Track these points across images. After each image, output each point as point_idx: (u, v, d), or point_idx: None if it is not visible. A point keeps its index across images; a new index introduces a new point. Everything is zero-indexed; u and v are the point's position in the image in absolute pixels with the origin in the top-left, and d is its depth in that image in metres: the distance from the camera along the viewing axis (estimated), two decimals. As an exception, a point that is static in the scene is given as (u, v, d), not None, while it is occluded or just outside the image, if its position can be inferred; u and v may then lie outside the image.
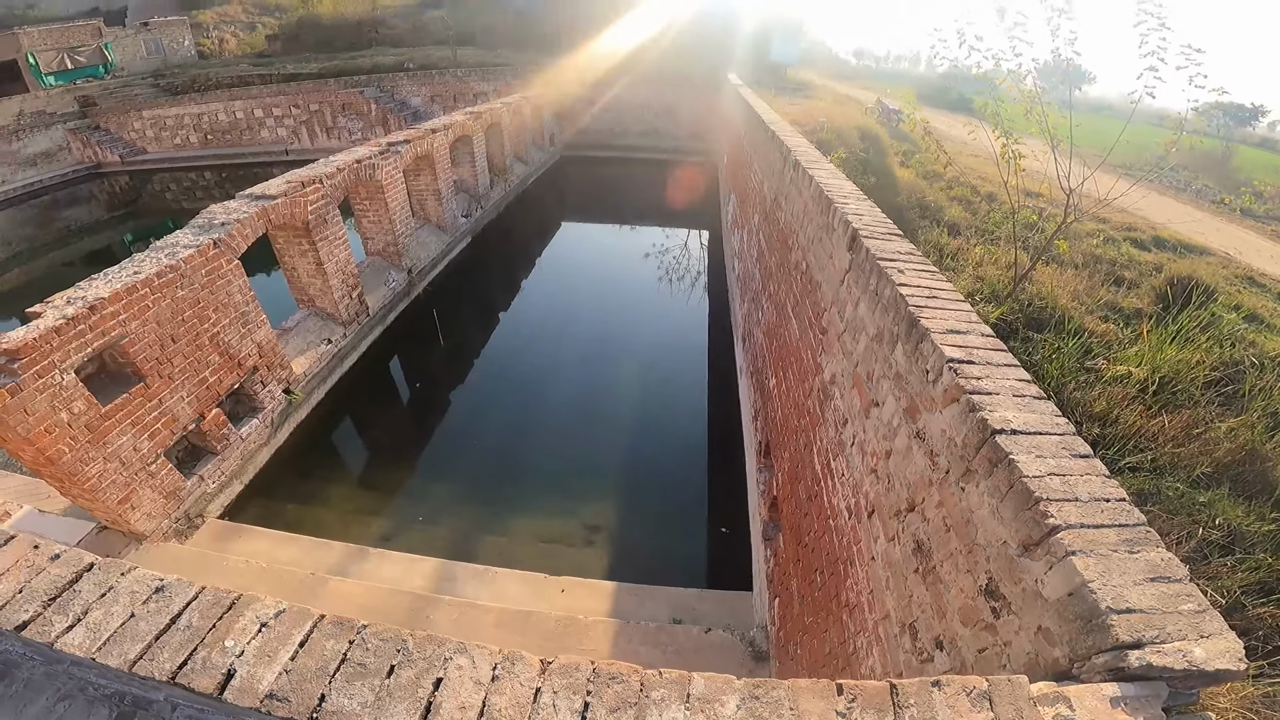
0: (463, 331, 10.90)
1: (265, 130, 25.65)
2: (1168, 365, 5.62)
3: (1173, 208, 10.74)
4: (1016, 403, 2.30)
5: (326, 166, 8.92)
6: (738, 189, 10.92)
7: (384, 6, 35.48)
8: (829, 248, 4.54)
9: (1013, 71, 6.31)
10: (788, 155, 6.58)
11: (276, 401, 7.77)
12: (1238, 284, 8.06)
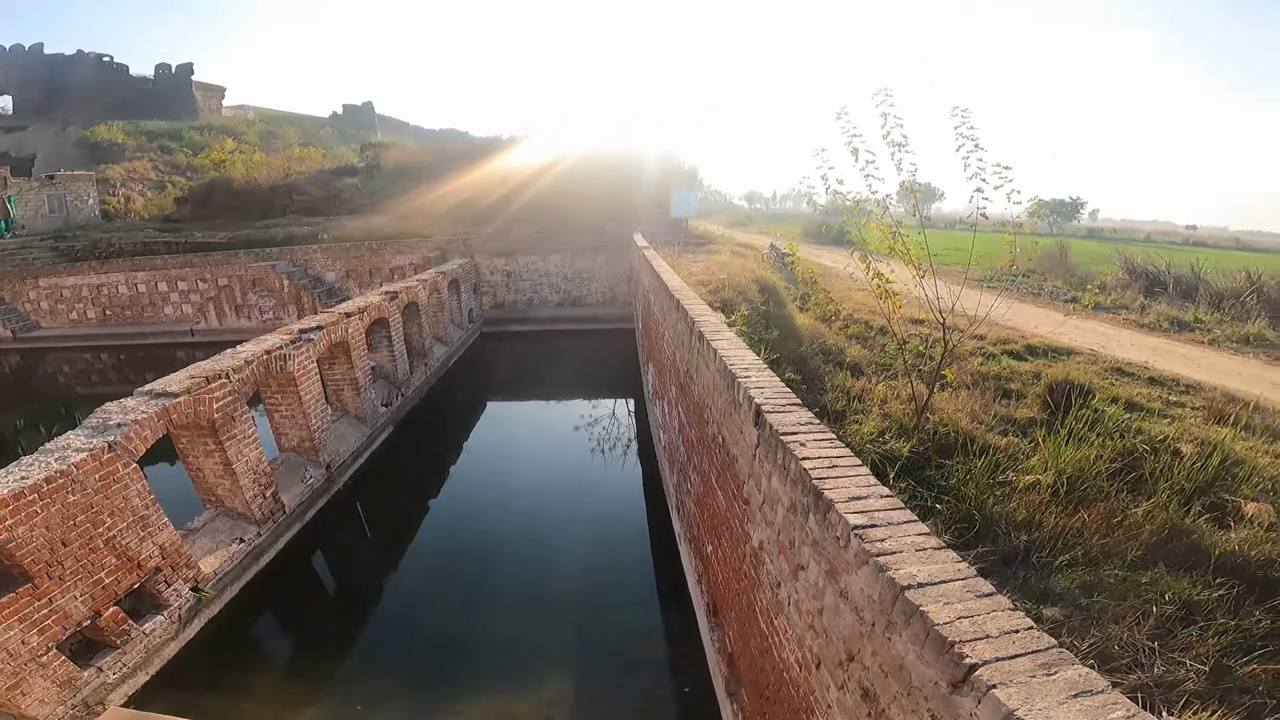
0: (392, 522, 10.52)
1: (169, 307, 23.96)
2: (1070, 466, 6.09)
3: (1035, 314, 12.08)
4: (919, 556, 2.57)
5: (234, 359, 8.59)
6: (654, 358, 11.50)
7: (297, 173, 34.47)
8: (738, 422, 4.79)
9: (872, 212, 7.14)
10: (693, 326, 6.96)
11: (184, 599, 7.32)
12: (1110, 376, 8.97)
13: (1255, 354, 11.46)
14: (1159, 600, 4.43)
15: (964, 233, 9.05)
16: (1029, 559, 5.00)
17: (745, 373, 5.00)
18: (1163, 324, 13.12)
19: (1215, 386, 8.72)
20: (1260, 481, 5.95)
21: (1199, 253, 33.38)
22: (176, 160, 43.54)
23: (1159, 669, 3.85)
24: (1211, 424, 7.27)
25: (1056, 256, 19.17)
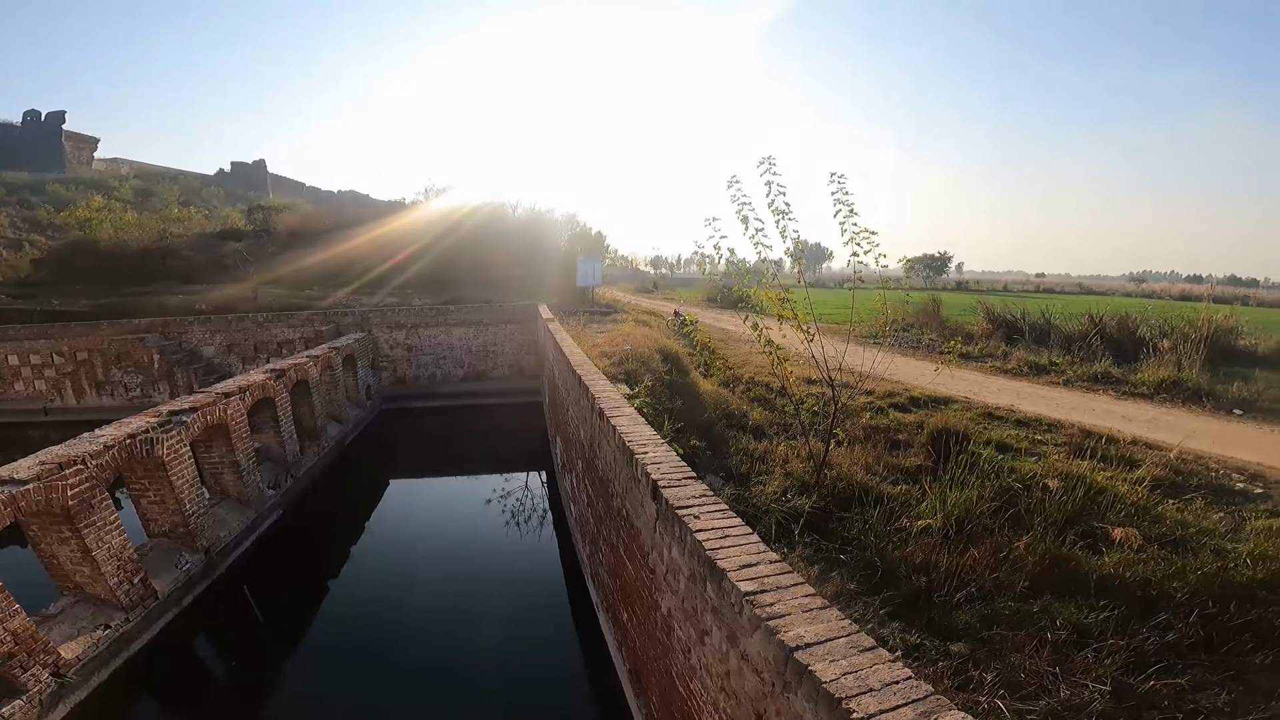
0: (287, 605, 9.64)
1: (20, 383, 21.27)
2: (956, 508, 6.50)
3: (915, 366, 13.05)
4: (806, 617, 2.74)
5: (91, 443, 7.84)
6: (561, 432, 11.43)
7: (175, 235, 31.24)
8: (639, 496, 4.90)
9: (762, 280, 7.53)
10: (594, 402, 7.04)
11: (43, 684, 6.59)
12: (982, 421, 9.75)
13: (1104, 390, 12.83)
14: (1052, 627, 4.73)
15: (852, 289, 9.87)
16: (931, 598, 5.24)
17: (643, 448, 5.11)
18: (1023, 369, 14.48)
19: (1073, 423, 9.65)
20: (1123, 508, 6.58)
21: (1048, 299, 37.46)
22: (37, 216, 38.38)
23: (1065, 693, 4.07)
24: (1073, 458, 8.01)
25: (931, 310, 20.87)
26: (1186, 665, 4.30)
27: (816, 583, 5.10)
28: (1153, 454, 8.32)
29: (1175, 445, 8.60)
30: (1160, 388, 12.52)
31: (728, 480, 7.55)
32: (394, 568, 10.88)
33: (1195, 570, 5.19)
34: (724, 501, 4.07)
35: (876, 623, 4.81)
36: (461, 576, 10.29)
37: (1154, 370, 13.34)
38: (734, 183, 7.42)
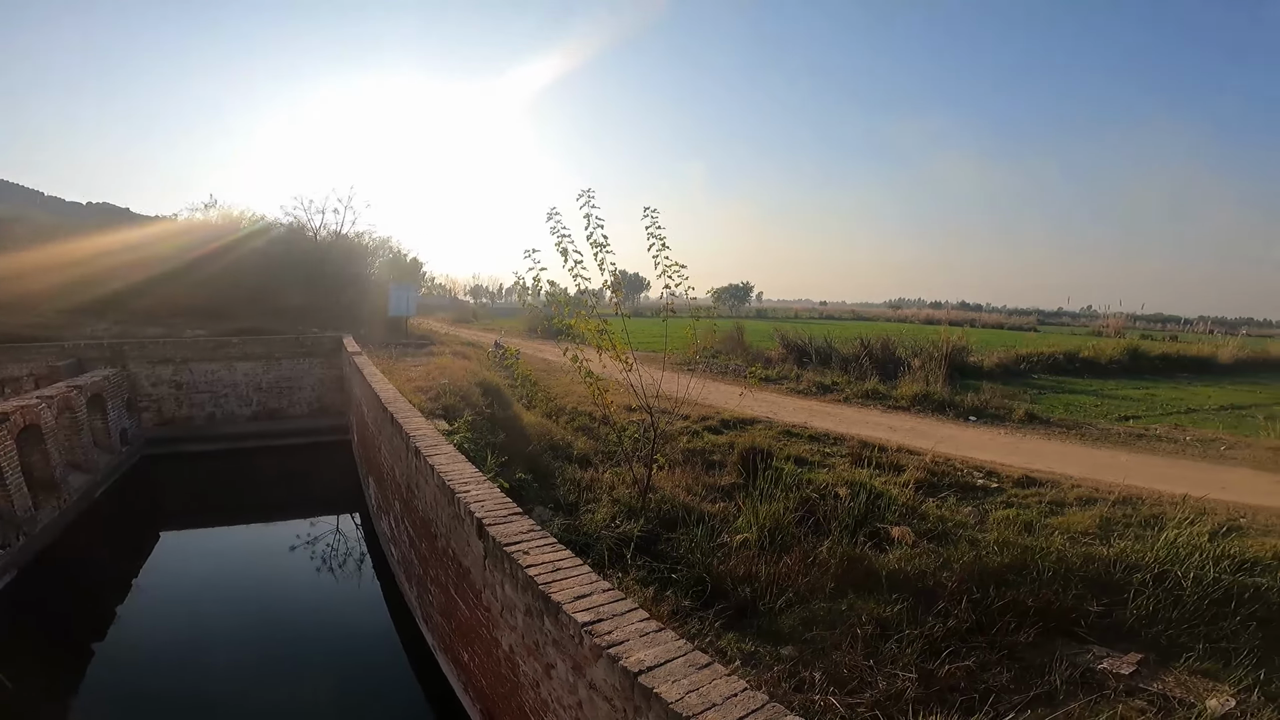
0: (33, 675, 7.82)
1: None
2: (767, 520, 7.06)
3: (725, 390, 14.15)
4: (644, 641, 2.83)
5: None
6: (374, 472, 10.61)
7: None
8: (464, 535, 4.75)
9: (580, 313, 7.66)
10: (409, 441, 6.67)
11: None
12: (782, 439, 10.79)
13: (875, 405, 14.86)
14: (859, 623, 5.22)
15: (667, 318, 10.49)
16: (757, 606, 5.60)
17: (465, 486, 5.00)
18: (812, 389, 16.32)
19: (853, 436, 11.04)
20: (897, 508, 7.61)
21: (830, 325, 42.73)
22: None
23: (882, 683, 4.49)
24: (855, 467, 9.15)
25: (735, 337, 22.75)
26: (970, 648, 4.98)
27: (653, 603, 5.22)
28: (914, 459, 9.77)
29: (929, 450, 10.21)
30: (915, 400, 14.81)
31: (557, 510, 7.51)
32: (179, 626, 9.22)
33: (958, 560, 6.12)
34: (553, 534, 4.16)
35: (713, 635, 5.00)
36: (270, 630, 9.01)
37: (909, 385, 15.75)
38: (554, 215, 7.51)
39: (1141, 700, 4.38)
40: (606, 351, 7.44)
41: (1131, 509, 7.70)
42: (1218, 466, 10.11)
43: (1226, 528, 6.98)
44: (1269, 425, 12.77)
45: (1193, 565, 5.79)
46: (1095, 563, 6.08)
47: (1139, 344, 26.60)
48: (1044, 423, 13.20)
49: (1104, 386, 18.70)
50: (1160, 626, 5.25)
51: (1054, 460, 10.15)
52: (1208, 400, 16.58)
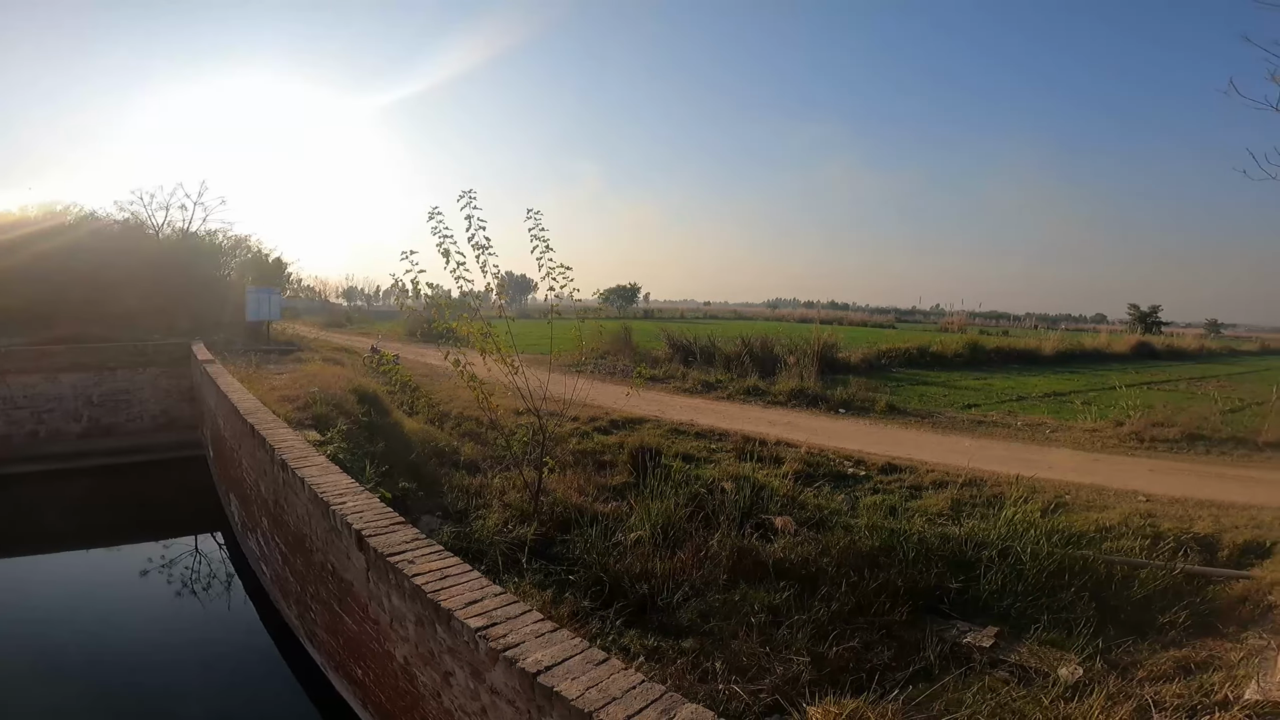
0: None
1: None
2: (659, 517, 7.21)
3: (613, 390, 14.15)
4: (540, 642, 2.85)
5: None
6: (235, 489, 9.73)
7: None
8: (344, 548, 4.57)
9: (464, 315, 7.45)
10: (274, 454, 6.28)
11: None
12: (670, 437, 11.04)
13: (755, 401, 15.58)
14: (753, 612, 5.44)
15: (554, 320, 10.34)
16: (656, 602, 5.70)
17: (340, 498, 4.83)
18: (698, 387, 16.83)
19: (736, 431, 11.49)
20: (778, 499, 8.01)
21: (713, 324, 44.23)
22: None
23: (779, 669, 4.68)
24: (739, 462, 9.54)
25: (623, 338, 22.99)
26: (853, 630, 5.33)
27: (551, 606, 5.23)
28: (791, 451, 10.34)
29: (804, 443, 10.86)
30: (791, 395, 15.68)
31: (446, 518, 7.27)
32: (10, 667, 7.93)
33: (835, 545, 6.55)
34: (442, 542, 4.18)
35: (615, 633, 5.05)
36: (125, 664, 7.97)
37: (786, 381, 16.63)
38: (435, 214, 7.31)
39: (1004, 671, 4.89)
40: (491, 355, 7.29)
41: (977, 490, 8.58)
42: (1044, 448, 11.52)
43: (1054, 504, 7.96)
44: (1084, 409, 14.76)
45: (1029, 541, 6.52)
46: (950, 542, 6.73)
47: (978, 339, 29.81)
48: (902, 413, 14.43)
49: (950, 378, 20.75)
50: (1010, 600, 5.89)
51: (911, 447, 11.12)
52: (1034, 388, 18.85)
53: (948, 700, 4.32)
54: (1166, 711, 4.06)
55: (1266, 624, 5.41)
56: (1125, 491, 8.48)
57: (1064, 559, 6.23)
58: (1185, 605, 5.59)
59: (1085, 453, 11.15)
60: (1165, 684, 4.52)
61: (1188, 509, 7.73)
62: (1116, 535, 6.91)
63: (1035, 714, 4.10)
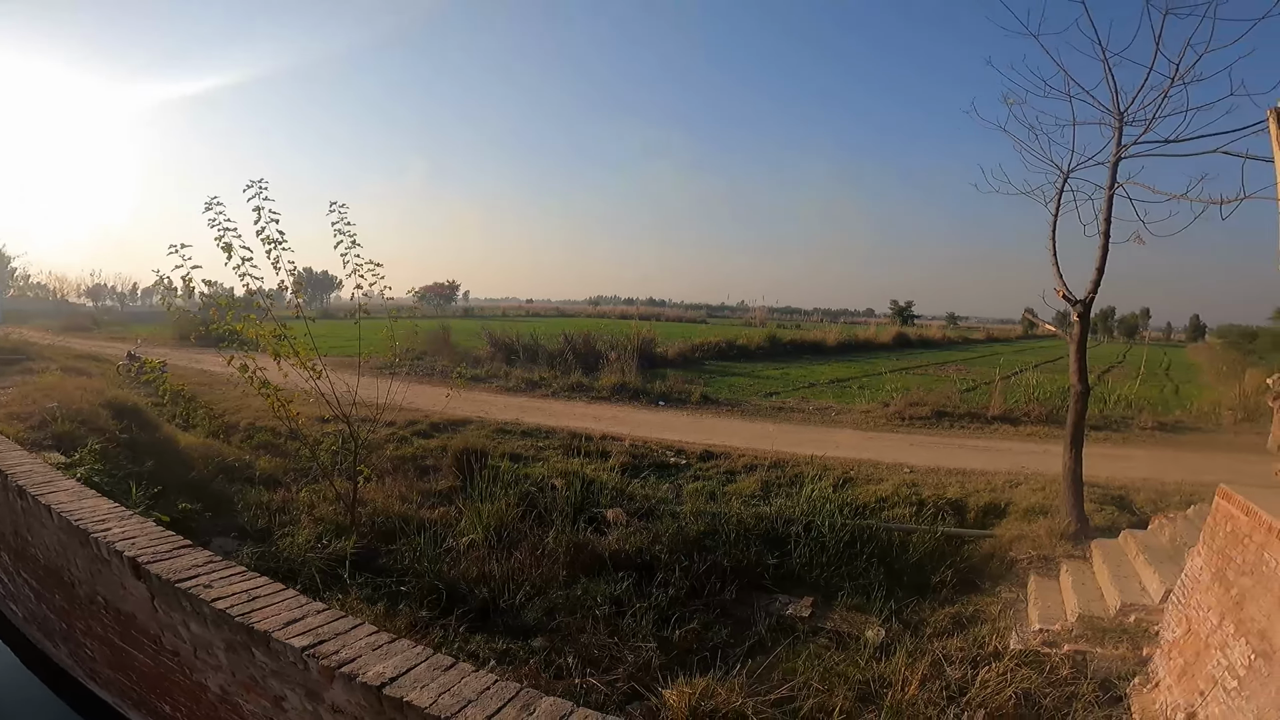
0: None
1: None
2: (491, 519, 7.03)
3: (433, 392, 13.41)
4: (379, 654, 2.74)
5: None
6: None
7: None
8: (115, 578, 4.04)
9: (250, 316, 6.66)
10: (6, 481, 5.30)
11: None
12: (496, 437, 10.80)
13: (580, 397, 15.77)
14: (596, 604, 5.54)
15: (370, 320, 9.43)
16: (499, 605, 5.60)
17: (103, 525, 4.24)
18: (522, 385, 16.63)
19: (563, 428, 11.54)
20: (609, 492, 8.18)
21: (536, 322, 44.00)
22: None
23: (630, 657, 4.81)
24: (568, 458, 9.60)
25: (442, 337, 21.96)
26: (692, 612, 5.64)
27: (386, 619, 4.95)
28: (617, 445, 10.65)
29: (628, 435, 11.25)
30: (614, 390, 16.13)
31: (244, 539, 6.51)
32: None
33: (665, 533, 6.87)
34: (243, 563, 3.89)
35: (460, 640, 4.91)
36: None
37: (609, 377, 17.05)
38: (214, 205, 6.53)
39: (824, 638, 5.49)
40: (288, 358, 6.61)
41: (781, 471, 9.49)
42: (832, 429, 13.09)
43: (843, 480, 9.06)
44: (861, 393, 17.00)
45: (826, 515, 7.37)
46: (764, 521, 7.38)
47: (776, 332, 33.02)
48: (715, 403, 15.52)
49: (755, 369, 22.74)
50: (818, 571, 6.62)
51: (724, 435, 12.01)
52: (822, 376, 21.31)
53: (783, 669, 4.77)
54: (955, 664, 4.81)
55: (1013, 578, 6.65)
56: (894, 465, 9.90)
57: (855, 529, 7.13)
58: (949, 565, 6.69)
59: (862, 431, 12.85)
60: (949, 638, 5.36)
61: (940, 477, 9.23)
62: (891, 504, 8.05)
63: (855, 675, 4.67)
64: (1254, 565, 4.16)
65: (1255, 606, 3.96)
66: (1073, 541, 6.77)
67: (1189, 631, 4.56)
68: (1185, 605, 4.82)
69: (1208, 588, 4.61)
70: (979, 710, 4.22)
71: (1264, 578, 3.99)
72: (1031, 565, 6.64)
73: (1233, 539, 4.56)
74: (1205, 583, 4.68)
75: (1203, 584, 4.71)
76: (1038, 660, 4.78)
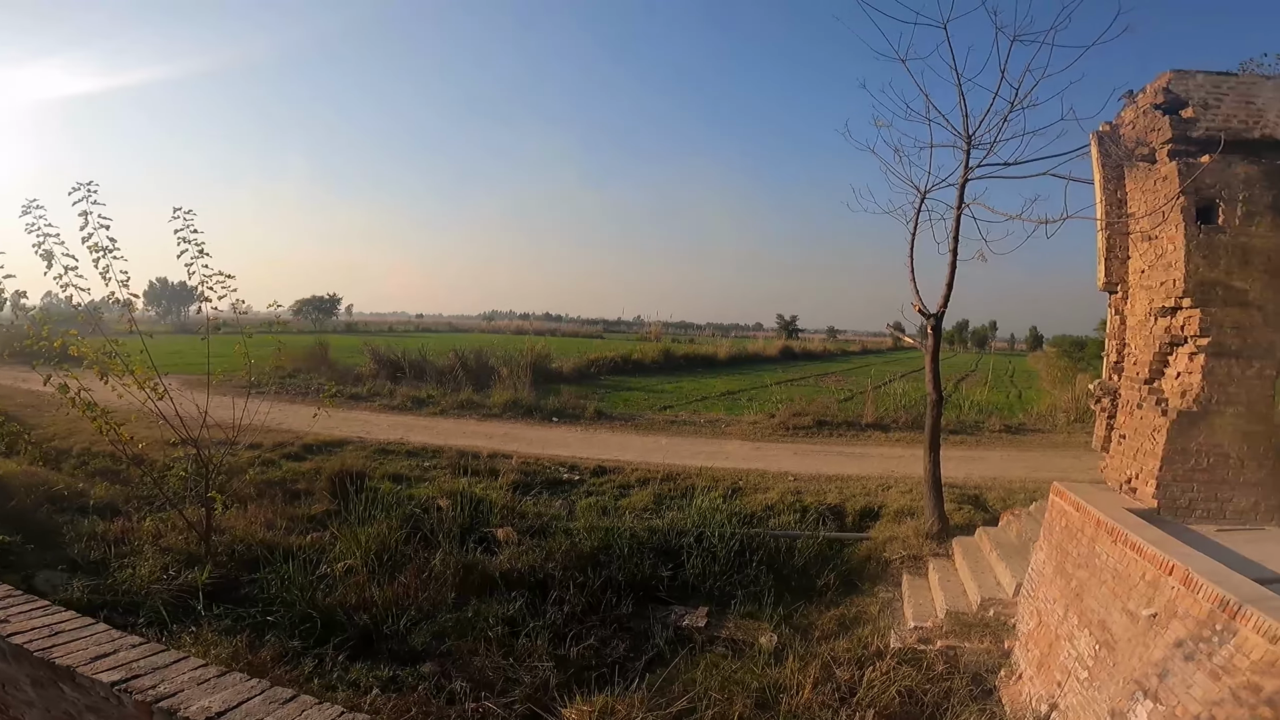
0: None
1: None
2: (372, 543, 6.61)
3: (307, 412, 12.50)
4: (205, 688, 2.58)
5: None
6: None
7: None
8: None
9: (72, 332, 5.99)
10: None
11: None
12: (377, 458, 10.20)
13: (470, 415, 15.27)
14: (488, 626, 5.34)
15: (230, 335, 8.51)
16: (382, 630, 5.28)
17: None
18: (408, 403, 15.87)
19: (451, 447, 11.09)
20: (499, 511, 7.86)
21: (425, 338, 42.23)
22: None
23: (527, 678, 4.66)
24: (456, 477, 9.20)
25: (319, 354, 20.56)
26: (588, 628, 5.55)
27: (249, 651, 4.56)
28: (507, 463, 10.37)
29: (517, 453, 11.00)
30: (507, 407, 15.76)
31: (74, 571, 5.80)
32: None
33: (558, 550, 6.74)
34: (72, 597, 3.92)
35: (339, 669, 4.63)
36: None
37: (501, 393, 16.64)
38: (32, 209, 5.87)
39: (720, 647, 5.57)
40: (120, 377, 5.94)
41: (674, 483, 9.62)
42: (722, 440, 13.46)
43: (732, 490, 9.32)
44: (750, 405, 17.64)
45: (716, 525, 7.53)
46: (657, 534, 7.44)
47: (671, 347, 33.68)
48: (609, 417, 15.54)
49: (649, 383, 23.05)
50: (710, 580, 6.73)
51: (618, 449, 12.04)
52: (714, 389, 21.92)
53: (683, 680, 4.80)
54: (843, 665, 5.03)
55: (889, 578, 7.06)
56: (780, 474, 10.31)
57: (744, 538, 7.34)
58: (832, 568, 7.03)
59: (751, 442, 13.32)
60: (836, 640, 5.61)
61: (821, 484, 9.72)
62: (778, 512, 8.37)
63: (752, 682, 4.77)
64: (1088, 558, 4.63)
65: (1093, 598, 4.36)
66: (937, 540, 7.31)
67: (1040, 624, 4.97)
68: (1034, 598, 5.26)
69: (1051, 580, 5.08)
70: (869, 710, 4.44)
71: (1097, 570, 4.44)
72: (904, 565, 7.10)
73: (1068, 533, 5.08)
74: (1049, 576, 5.15)
75: (1046, 577, 5.18)
76: (916, 658, 5.09)
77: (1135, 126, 5.84)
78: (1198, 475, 5.27)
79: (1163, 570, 3.77)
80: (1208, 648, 3.26)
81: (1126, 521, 4.47)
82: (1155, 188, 5.60)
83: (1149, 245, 5.74)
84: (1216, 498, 5.27)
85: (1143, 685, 3.56)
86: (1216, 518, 5.24)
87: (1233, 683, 3.04)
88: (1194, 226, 5.22)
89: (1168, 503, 5.28)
